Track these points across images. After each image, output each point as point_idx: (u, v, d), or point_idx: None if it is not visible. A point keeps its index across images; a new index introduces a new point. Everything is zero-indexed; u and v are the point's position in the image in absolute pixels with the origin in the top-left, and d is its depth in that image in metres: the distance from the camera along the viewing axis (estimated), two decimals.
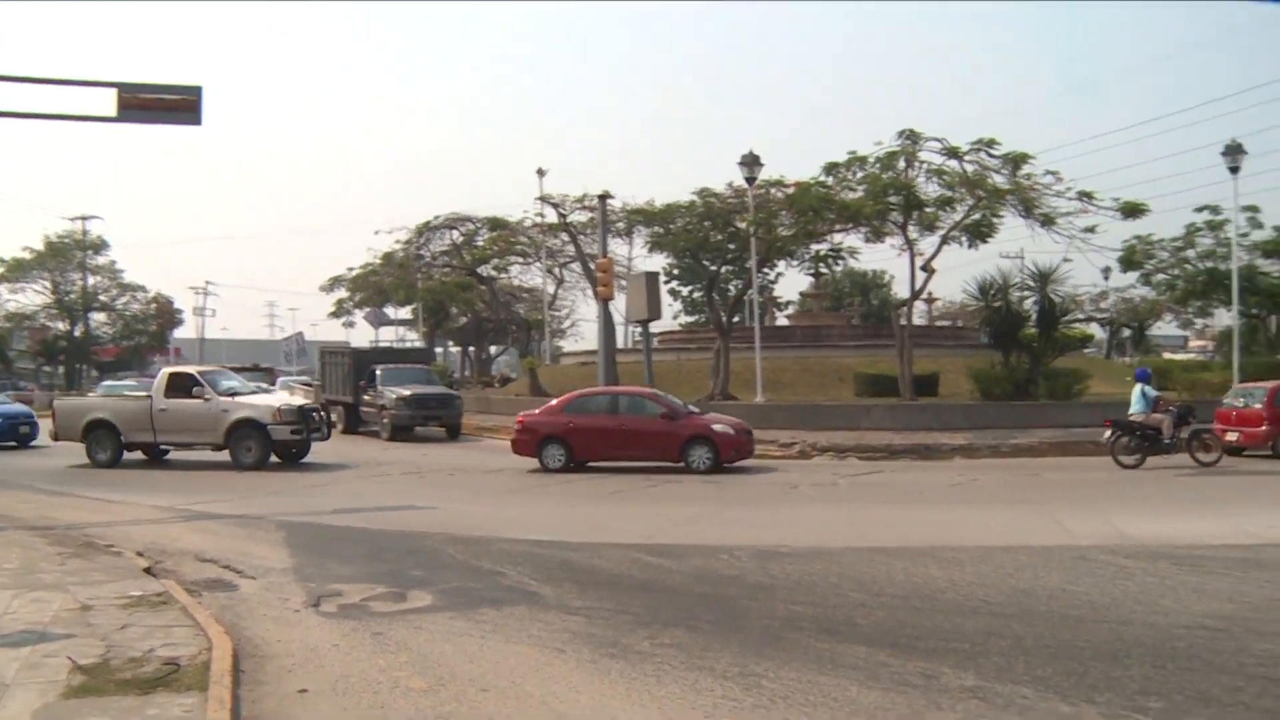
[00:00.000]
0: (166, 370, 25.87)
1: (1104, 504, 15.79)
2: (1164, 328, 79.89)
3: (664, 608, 9.18)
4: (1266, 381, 25.05)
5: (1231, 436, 23.03)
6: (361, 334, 78.23)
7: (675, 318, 75.62)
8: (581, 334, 74.86)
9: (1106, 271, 52.68)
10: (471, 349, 65.98)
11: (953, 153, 31.03)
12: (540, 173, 45.08)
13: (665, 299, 54.62)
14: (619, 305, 42.98)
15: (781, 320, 65.28)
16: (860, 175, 31.48)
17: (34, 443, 28.81)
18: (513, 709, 6.42)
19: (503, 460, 23.77)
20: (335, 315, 65.28)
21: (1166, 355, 67.42)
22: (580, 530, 13.94)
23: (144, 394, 25.17)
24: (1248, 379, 32.89)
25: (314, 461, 23.96)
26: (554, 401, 25.21)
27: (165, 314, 73.80)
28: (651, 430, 23.01)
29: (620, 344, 48.29)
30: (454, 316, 62.86)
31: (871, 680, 6.83)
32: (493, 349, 68.13)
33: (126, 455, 23.75)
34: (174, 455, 24.95)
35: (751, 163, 31.96)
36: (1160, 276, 41.98)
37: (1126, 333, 70.52)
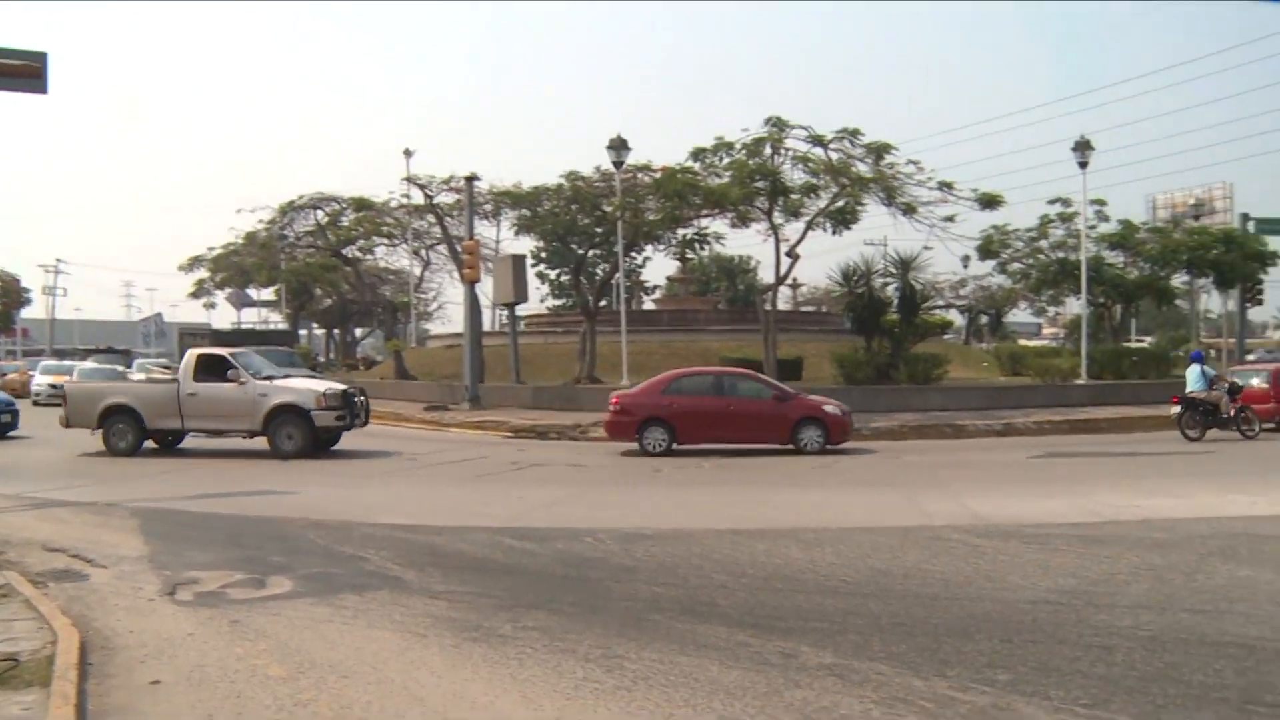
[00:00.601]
0: (195, 352, 23.81)
1: (960, 486, 16.23)
2: (1020, 315, 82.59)
3: (527, 591, 9.18)
4: (1264, 364, 29.69)
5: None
6: (224, 315, 76.47)
7: (543, 301, 75.49)
8: (448, 317, 74.28)
9: (965, 260, 54.01)
10: (336, 331, 65.03)
11: (818, 141, 31.57)
12: (407, 153, 44.54)
13: (532, 282, 54.39)
14: (486, 288, 42.82)
15: (648, 304, 65.67)
16: (727, 161, 31.83)
17: (13, 433, 26.33)
18: (373, 695, 6.35)
19: (367, 443, 23.42)
20: (195, 296, 63.67)
21: (1022, 342, 69.59)
22: (445, 514, 13.85)
23: (170, 377, 23.42)
24: (1095, 365, 34.31)
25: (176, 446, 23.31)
26: (649, 381, 24.50)
27: (11, 293, 70.81)
28: (762, 412, 22.82)
29: (487, 327, 48.05)
30: (318, 298, 61.88)
31: (732, 660, 6.92)
32: (358, 331, 67.25)
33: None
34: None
35: (619, 147, 32.07)
36: (1016, 265, 43.36)
37: (984, 319, 72.63)
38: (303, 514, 13.55)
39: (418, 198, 43.14)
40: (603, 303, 44.43)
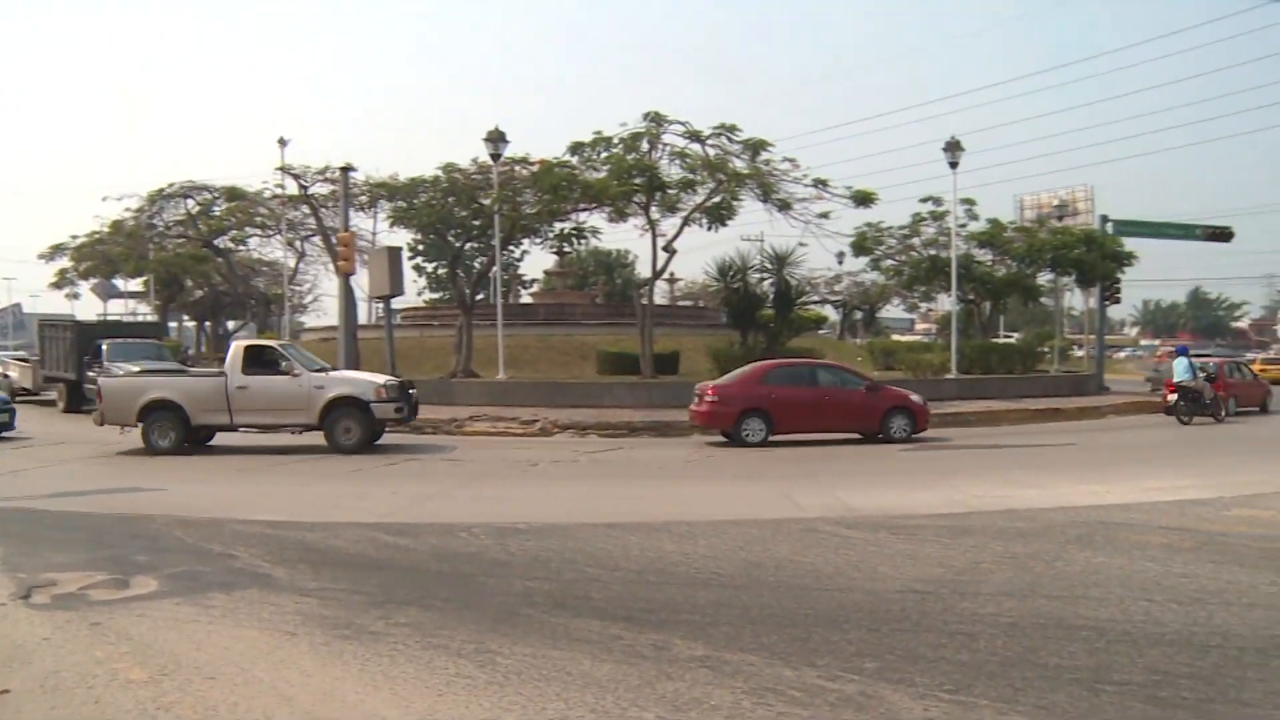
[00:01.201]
0: (242, 343, 23.14)
1: (832, 478, 16.52)
2: (893, 311, 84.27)
3: (400, 587, 9.08)
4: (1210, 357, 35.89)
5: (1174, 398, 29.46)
6: (88, 307, 74.03)
7: (419, 294, 74.71)
8: (324, 309, 72.77)
9: (840, 256, 54.83)
10: (208, 324, 63.46)
11: (695, 136, 31.81)
12: (281, 142, 43.56)
13: (409, 275, 53.84)
14: (361, 280, 42.18)
15: (526, 298, 65.48)
16: (605, 155, 31.88)
17: (9, 433, 24.39)
18: (240, 696, 6.21)
19: (239, 438, 22.91)
20: (57, 286, 61.08)
21: (895, 337, 70.97)
22: (316, 510, 13.59)
23: (216, 370, 22.44)
24: (965, 360, 35.20)
25: (30, 441, 22.53)
26: (742, 372, 24.72)
27: None
28: (854, 401, 23.69)
29: (363, 320, 47.41)
30: (189, 290, 60.23)
31: (605, 653, 6.94)
32: (230, 324, 65.62)
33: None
34: None
35: (497, 139, 31.89)
36: (889, 262, 44.31)
37: (858, 315, 73.98)
38: (170, 511, 13.17)
39: (292, 188, 42.33)
40: (480, 296, 44.19)
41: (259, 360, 21.77)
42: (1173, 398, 28.44)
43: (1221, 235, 48.21)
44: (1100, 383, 42.26)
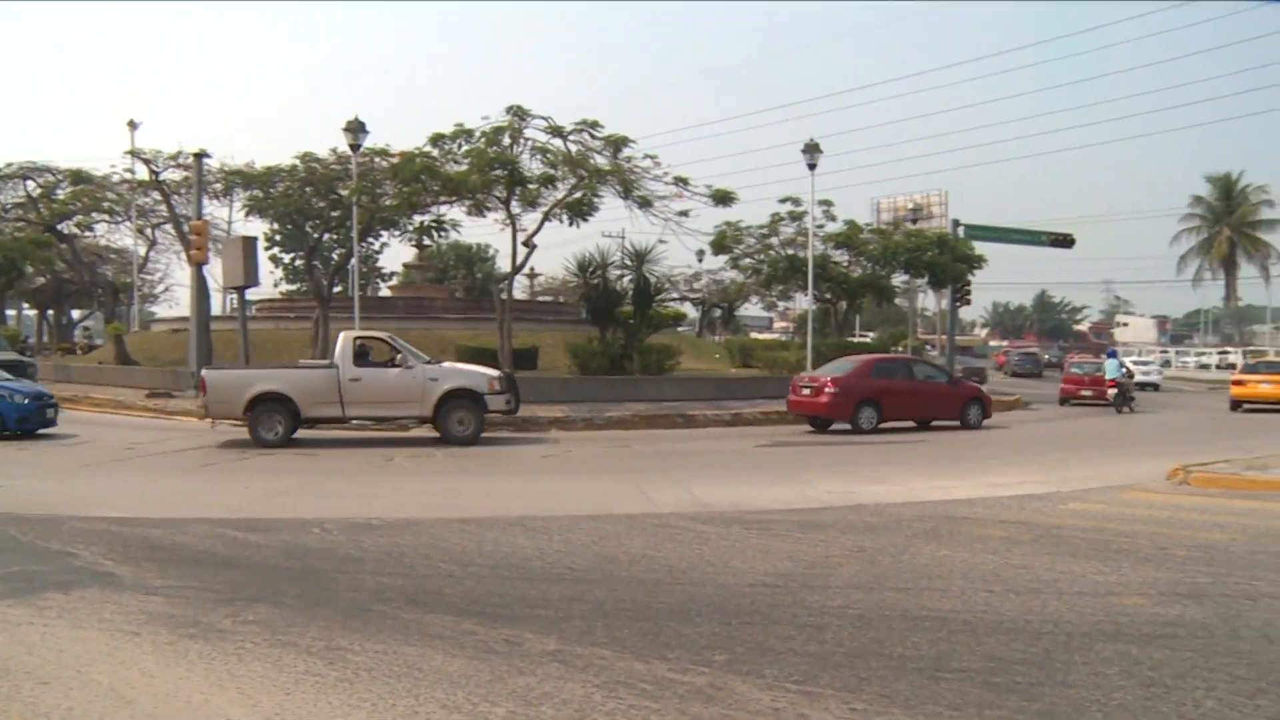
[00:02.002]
0: (351, 335, 22.65)
1: (688, 474, 16.68)
2: (751, 309, 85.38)
3: (249, 584, 8.90)
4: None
5: (1086, 393, 38.14)
6: None
7: (276, 285, 73.19)
8: (175, 299, 70.87)
9: (700, 254, 55.54)
10: (50, 312, 61.11)
11: (557, 132, 31.79)
12: (132, 125, 42.32)
13: (265, 265, 52.65)
14: (215, 270, 41.16)
15: (385, 291, 64.78)
16: (466, 148, 31.62)
17: (52, 429, 22.94)
18: (75, 700, 6.00)
19: (85, 432, 22.12)
20: None
21: (753, 335, 72.01)
22: (164, 506, 13.22)
23: (326, 362, 21.83)
24: (820, 359, 35.89)
25: None
26: (853, 365, 27.35)
27: None
28: (941, 392, 27.29)
29: (218, 311, 46.31)
30: (30, 276, 57.89)
31: (457, 649, 6.91)
32: (75, 313, 63.38)
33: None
34: None
35: (356, 129, 31.38)
36: (747, 261, 44.92)
37: (717, 312, 74.74)
38: (3, 509, 12.65)
39: (143, 173, 41.01)
40: (338, 289, 43.48)
41: (367, 353, 22.00)
42: (1112, 392, 34.78)
43: (1064, 241, 50.24)
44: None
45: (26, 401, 22.01)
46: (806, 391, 26.16)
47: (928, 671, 6.36)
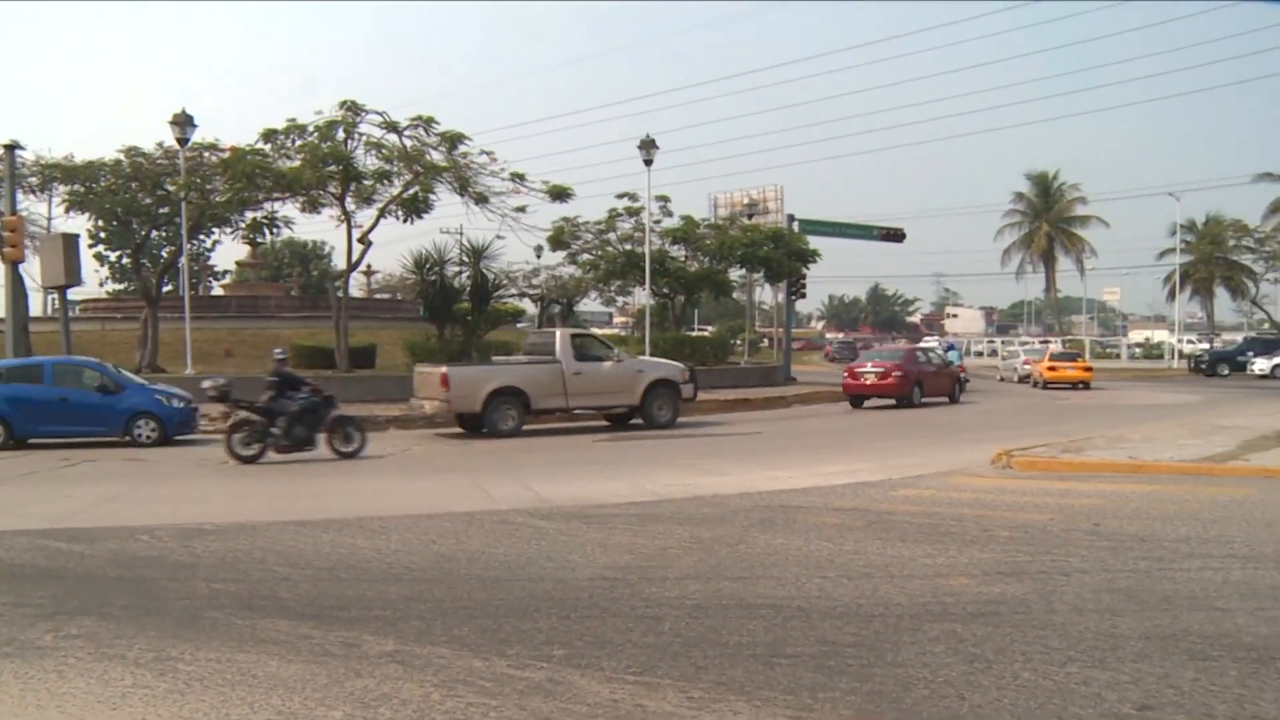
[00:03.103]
0: (569, 331, 25.79)
1: (526, 471, 16.66)
2: (591, 304, 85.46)
3: (73, 596, 8.53)
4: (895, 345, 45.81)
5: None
6: None
7: (101, 284, 70.43)
8: None
9: (539, 250, 55.34)
10: None
11: (392, 127, 31.40)
12: None
13: (88, 264, 50.66)
14: (33, 269, 39.35)
15: (217, 290, 63.08)
16: (299, 144, 30.99)
17: (189, 435, 22.55)
18: None
19: None
20: None
21: (594, 330, 72.07)
22: None
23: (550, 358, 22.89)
24: (659, 353, 36.18)
25: None
26: (904, 351, 36.35)
27: None
28: (943, 373, 34.30)
29: (36, 311, 44.20)
30: None
31: (293, 653, 6.76)
32: None
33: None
34: None
35: (184, 123, 30.44)
36: (586, 256, 44.99)
37: (556, 308, 74.61)
38: None
39: None
40: (167, 288, 42.16)
41: (580, 348, 24.27)
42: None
43: (895, 236, 51.79)
44: (787, 373, 44.40)
45: None
46: (871, 378, 31.85)
47: (763, 658, 6.48)
